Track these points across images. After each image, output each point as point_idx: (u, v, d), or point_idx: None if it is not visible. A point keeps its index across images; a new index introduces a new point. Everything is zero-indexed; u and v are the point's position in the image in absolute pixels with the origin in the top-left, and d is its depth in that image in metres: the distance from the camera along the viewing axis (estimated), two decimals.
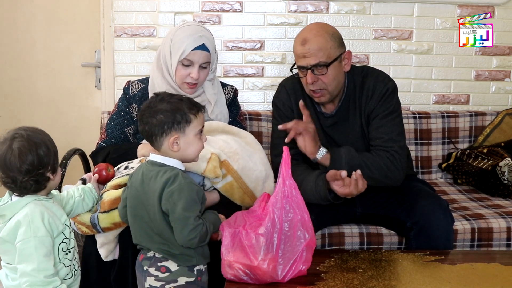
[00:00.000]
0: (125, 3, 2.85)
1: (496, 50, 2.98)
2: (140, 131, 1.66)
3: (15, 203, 1.53)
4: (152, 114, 1.61)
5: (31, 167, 1.50)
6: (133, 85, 2.27)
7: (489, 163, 2.64)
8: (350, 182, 1.88)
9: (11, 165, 1.49)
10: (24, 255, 1.48)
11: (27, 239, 1.48)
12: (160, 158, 1.64)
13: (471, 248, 2.21)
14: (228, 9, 2.89)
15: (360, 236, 2.17)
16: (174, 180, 1.57)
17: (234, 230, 1.64)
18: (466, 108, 3.01)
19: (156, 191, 1.58)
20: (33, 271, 1.46)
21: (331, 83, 2.06)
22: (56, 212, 1.58)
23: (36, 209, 1.51)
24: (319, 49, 2.02)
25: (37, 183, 1.53)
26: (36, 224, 1.49)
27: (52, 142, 1.57)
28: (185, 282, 1.63)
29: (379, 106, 2.09)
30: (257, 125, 2.74)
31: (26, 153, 1.49)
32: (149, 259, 1.65)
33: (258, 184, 2.04)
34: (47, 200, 1.57)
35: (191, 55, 2.10)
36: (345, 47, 2.12)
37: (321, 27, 2.10)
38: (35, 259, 1.47)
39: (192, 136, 1.63)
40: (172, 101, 1.63)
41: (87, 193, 1.79)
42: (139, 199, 1.64)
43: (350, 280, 1.65)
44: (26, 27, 3.05)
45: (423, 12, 2.93)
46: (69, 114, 3.09)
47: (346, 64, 2.11)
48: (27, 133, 1.52)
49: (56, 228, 1.54)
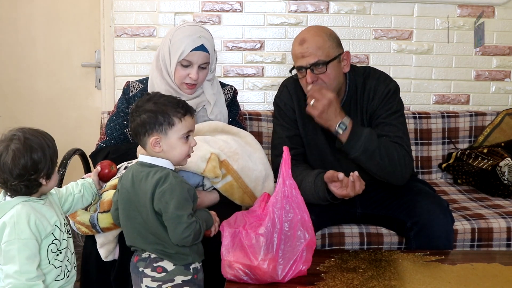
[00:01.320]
0: (125, 3, 2.85)
1: (496, 50, 2.99)
2: (129, 129, 1.66)
3: (5, 203, 1.52)
4: (138, 113, 1.62)
5: (23, 171, 1.48)
6: (132, 85, 2.27)
7: (489, 163, 2.64)
8: (347, 184, 1.88)
9: (4, 167, 1.48)
10: (8, 257, 1.47)
11: (11, 241, 1.46)
12: (150, 159, 1.64)
13: (471, 248, 2.21)
14: (228, 9, 2.89)
15: (360, 236, 2.17)
16: (165, 180, 1.57)
17: (234, 230, 1.65)
18: (466, 108, 3.01)
19: (148, 192, 1.58)
20: (16, 273, 1.45)
21: (332, 83, 2.06)
22: (46, 213, 1.55)
23: (23, 210, 1.49)
24: (318, 48, 2.02)
25: (27, 187, 1.51)
26: (21, 226, 1.47)
27: (52, 147, 1.54)
28: (181, 281, 1.63)
29: (381, 107, 2.08)
30: (257, 125, 2.74)
31: (19, 156, 1.47)
32: (144, 260, 1.64)
33: (258, 184, 2.04)
34: (37, 202, 1.55)
35: (190, 56, 2.10)
36: (343, 49, 2.12)
37: (319, 28, 2.12)
38: (18, 261, 1.45)
39: (175, 139, 1.62)
40: (159, 102, 1.62)
41: (87, 189, 1.77)
42: (131, 200, 1.64)
43: (350, 280, 1.65)
44: (26, 27, 3.05)
45: (423, 12, 2.93)
46: (69, 114, 3.09)
47: (346, 65, 2.11)
48: (24, 136, 1.50)
49: (44, 230, 1.52)
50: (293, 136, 2.20)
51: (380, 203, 2.16)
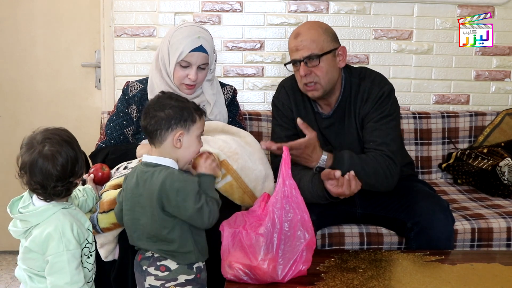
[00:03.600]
0: (125, 3, 2.85)
1: (496, 50, 2.98)
2: (143, 126, 1.65)
3: (44, 211, 1.52)
4: (161, 107, 1.62)
5: (63, 173, 1.49)
6: (132, 85, 2.27)
7: (489, 163, 2.64)
8: (343, 182, 1.88)
9: (44, 172, 1.47)
10: (56, 268, 1.49)
11: (60, 253, 1.48)
12: (154, 159, 1.64)
13: (471, 248, 2.21)
14: (228, 9, 2.89)
15: (360, 236, 2.17)
16: (173, 178, 1.58)
17: (234, 230, 1.65)
18: (466, 108, 3.01)
19: (154, 192, 1.58)
20: (67, 285, 1.49)
21: (324, 76, 2.06)
22: (81, 219, 1.59)
23: (66, 220, 1.51)
24: (312, 41, 2.03)
25: (68, 190, 1.53)
26: (68, 237, 1.50)
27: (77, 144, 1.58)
28: (185, 280, 1.63)
29: (373, 110, 2.07)
30: (257, 125, 2.74)
31: (56, 157, 1.48)
32: (148, 258, 1.65)
33: (258, 183, 2.03)
34: (71, 207, 1.57)
35: (188, 56, 2.10)
36: (339, 43, 2.12)
37: (314, 23, 2.17)
38: (68, 272, 1.48)
39: (194, 136, 1.65)
40: (180, 100, 1.67)
41: (89, 193, 1.80)
42: (136, 201, 1.64)
43: (350, 280, 1.65)
44: (26, 27, 3.05)
45: (423, 12, 2.93)
46: (69, 114, 3.09)
47: (341, 60, 2.11)
48: (52, 136, 1.50)
49: (83, 237, 1.56)
50: (292, 135, 2.19)
51: (380, 204, 2.16)
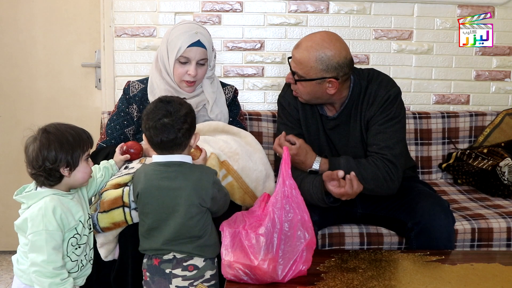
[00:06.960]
0: (125, 3, 2.85)
1: (496, 50, 2.98)
2: (172, 139, 1.67)
3: (36, 193, 1.61)
4: (184, 118, 1.68)
5: (41, 162, 1.56)
6: (133, 85, 2.27)
7: (489, 163, 2.64)
8: (345, 183, 1.88)
9: (28, 158, 1.59)
10: (35, 246, 1.55)
11: (39, 231, 1.55)
12: (178, 157, 1.71)
13: (471, 248, 2.21)
14: (228, 9, 2.89)
15: (360, 236, 2.17)
16: (207, 172, 1.72)
17: (234, 230, 1.65)
18: (466, 108, 3.01)
19: (188, 187, 1.66)
20: (43, 263, 1.54)
21: (305, 94, 2.08)
22: (72, 208, 1.63)
23: (51, 203, 1.57)
24: (299, 62, 2.02)
25: (47, 178, 1.59)
26: (49, 218, 1.56)
27: (74, 141, 1.61)
28: (210, 276, 1.70)
29: (378, 113, 2.06)
30: (257, 125, 2.74)
31: (41, 149, 1.56)
32: (170, 261, 1.67)
33: (259, 184, 2.04)
34: (65, 196, 1.63)
35: (187, 52, 2.11)
36: (334, 74, 2.00)
37: (320, 44, 1.99)
38: (45, 251, 1.54)
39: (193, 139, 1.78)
40: (184, 104, 1.75)
41: (108, 171, 1.89)
42: (164, 204, 1.68)
43: (350, 280, 1.65)
44: (26, 27, 3.05)
45: (423, 12, 2.93)
46: (69, 114, 3.09)
47: (331, 88, 2.03)
48: (48, 131, 1.60)
49: (68, 224, 1.60)
50: (297, 135, 2.19)
51: (381, 204, 2.16)
